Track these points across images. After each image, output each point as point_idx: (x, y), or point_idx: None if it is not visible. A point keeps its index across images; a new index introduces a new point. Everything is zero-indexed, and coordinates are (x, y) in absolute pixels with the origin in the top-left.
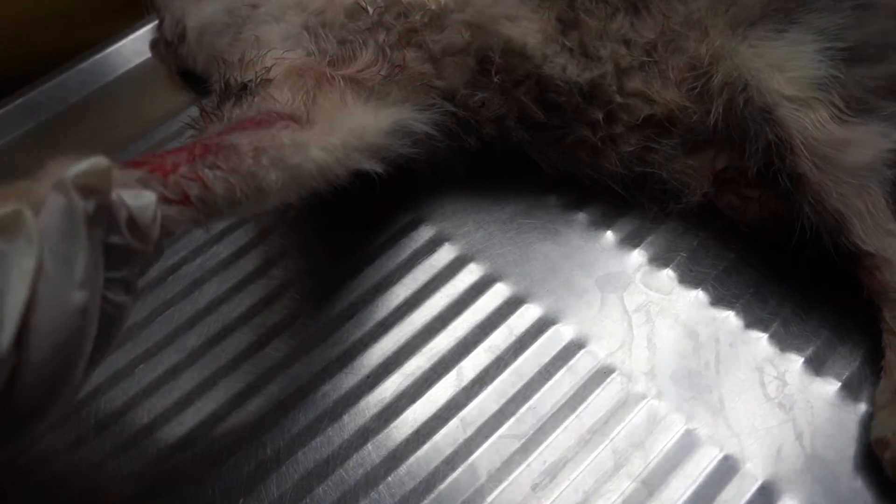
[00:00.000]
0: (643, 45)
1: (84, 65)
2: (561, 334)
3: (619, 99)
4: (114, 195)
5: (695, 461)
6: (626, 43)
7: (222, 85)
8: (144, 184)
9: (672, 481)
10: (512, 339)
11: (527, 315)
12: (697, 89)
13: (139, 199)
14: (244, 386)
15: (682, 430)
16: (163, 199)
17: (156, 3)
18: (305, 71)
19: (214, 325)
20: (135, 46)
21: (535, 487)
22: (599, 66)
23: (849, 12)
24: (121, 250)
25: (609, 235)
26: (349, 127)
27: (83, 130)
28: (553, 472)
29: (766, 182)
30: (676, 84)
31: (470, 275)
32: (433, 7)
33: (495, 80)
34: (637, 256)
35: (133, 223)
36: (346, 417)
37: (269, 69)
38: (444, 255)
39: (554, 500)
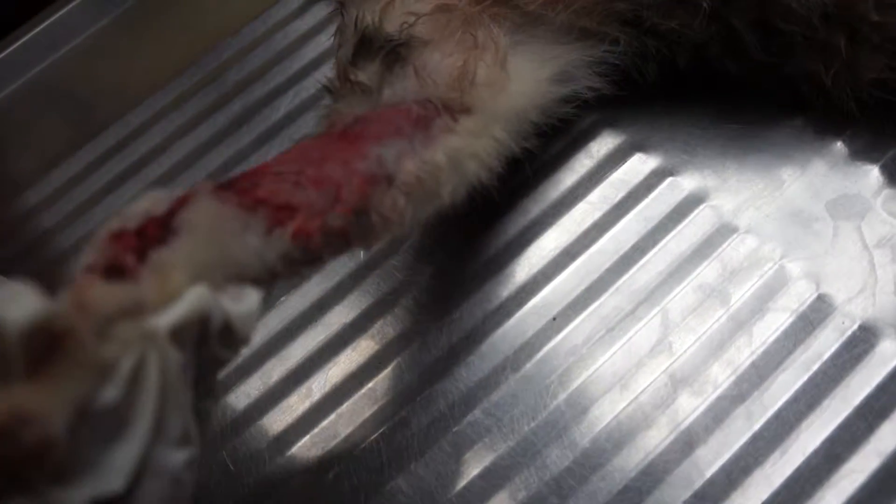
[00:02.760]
0: None
1: None
2: (788, 272)
3: (874, 17)
4: (211, 301)
5: None
6: None
7: (357, 35)
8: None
9: None
10: (726, 273)
11: (743, 245)
12: None
13: (241, 302)
14: (402, 328)
15: None
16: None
17: None
18: (452, 6)
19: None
20: None
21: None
22: None
23: None
24: (206, 362)
25: (839, 148)
26: (510, 113)
27: (167, 24)
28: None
29: None
30: None
31: (670, 192)
32: None
33: (703, 1)
34: (876, 176)
35: (228, 332)
36: (529, 367)
37: (416, 17)
38: (637, 167)
39: None
